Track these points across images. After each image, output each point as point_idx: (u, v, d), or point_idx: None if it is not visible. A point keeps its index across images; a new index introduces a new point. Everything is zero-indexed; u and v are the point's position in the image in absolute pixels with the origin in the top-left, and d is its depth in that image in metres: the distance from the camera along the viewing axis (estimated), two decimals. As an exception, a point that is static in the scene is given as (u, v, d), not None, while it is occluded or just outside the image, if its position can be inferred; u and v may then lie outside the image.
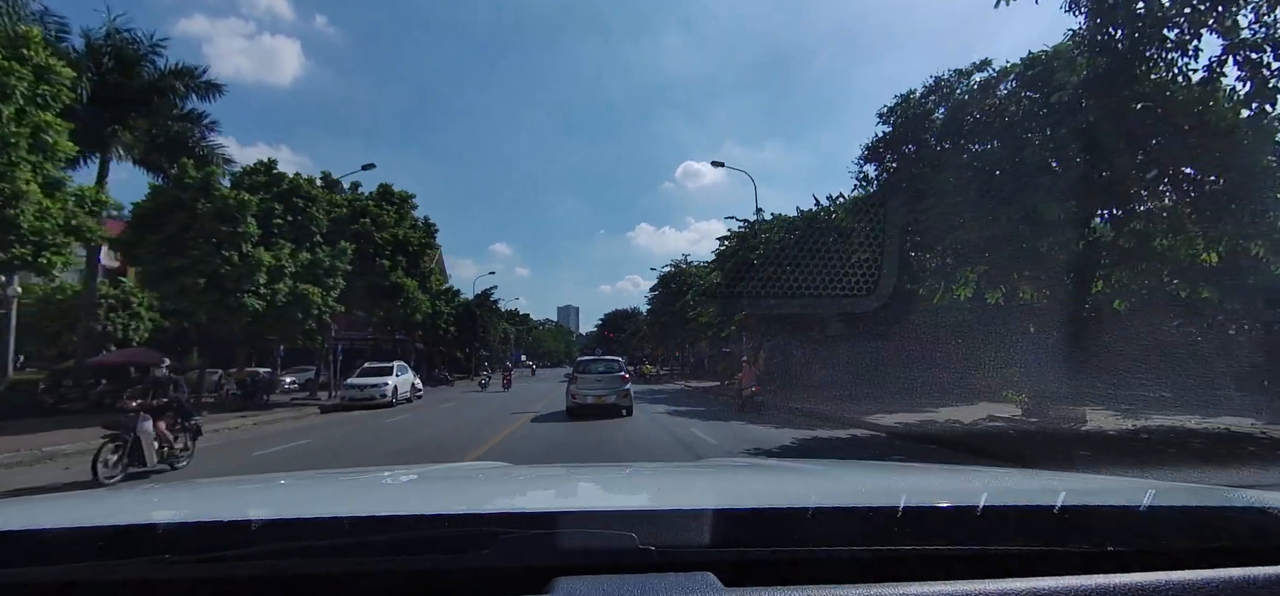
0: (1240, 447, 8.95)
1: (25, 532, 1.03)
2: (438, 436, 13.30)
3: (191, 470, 9.14)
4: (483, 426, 14.62)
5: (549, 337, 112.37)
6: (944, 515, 1.11)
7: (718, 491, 1.56)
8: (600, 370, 16.71)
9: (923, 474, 2.11)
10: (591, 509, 1.31)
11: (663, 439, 11.95)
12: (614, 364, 17.44)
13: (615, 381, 15.72)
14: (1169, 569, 0.90)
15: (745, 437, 11.73)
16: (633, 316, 78.99)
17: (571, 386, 15.99)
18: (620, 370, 16.48)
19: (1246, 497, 1.15)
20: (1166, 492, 1.24)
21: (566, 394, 16.11)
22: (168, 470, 8.82)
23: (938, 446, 10.25)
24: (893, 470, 2.44)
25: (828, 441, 11.37)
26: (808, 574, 0.90)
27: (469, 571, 0.92)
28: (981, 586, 0.87)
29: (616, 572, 0.88)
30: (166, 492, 2.20)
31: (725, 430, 13.11)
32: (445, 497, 1.58)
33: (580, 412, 15.18)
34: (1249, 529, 1.07)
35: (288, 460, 10.39)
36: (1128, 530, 1.06)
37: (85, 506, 1.39)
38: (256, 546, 0.96)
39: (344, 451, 11.41)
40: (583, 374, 16.38)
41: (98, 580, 0.91)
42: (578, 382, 15.91)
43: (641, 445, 11.09)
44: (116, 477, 8.01)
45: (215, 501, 1.53)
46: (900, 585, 0.88)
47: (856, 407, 15.99)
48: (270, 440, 13.12)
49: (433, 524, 1.08)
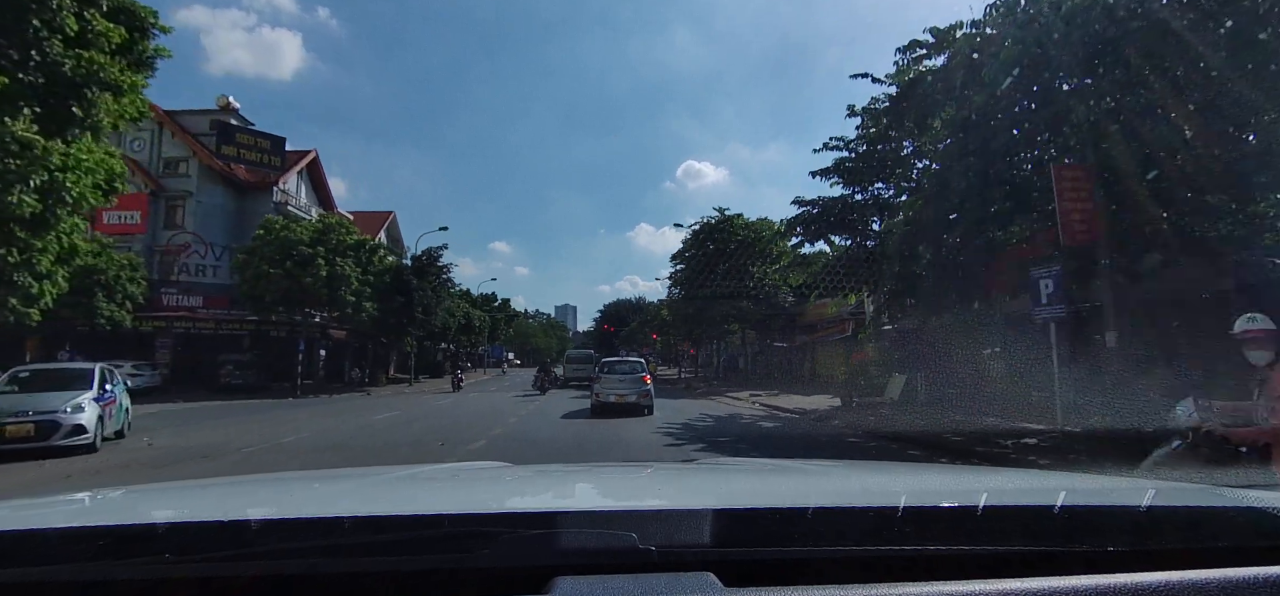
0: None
1: (25, 533, 1.02)
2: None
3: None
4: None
5: (539, 333, 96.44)
6: (944, 515, 1.11)
7: (718, 491, 1.57)
8: (624, 370, 17.51)
9: (923, 474, 2.29)
10: (591, 509, 1.33)
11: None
12: (636, 365, 18.57)
13: (637, 381, 16.62)
14: (1169, 569, 0.89)
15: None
16: (637, 308, 69.65)
17: (595, 385, 17.07)
18: (642, 370, 17.58)
19: (1246, 498, 1.17)
20: (1167, 492, 1.26)
21: (591, 395, 17.10)
22: None
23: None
24: (893, 470, 2.56)
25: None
26: (808, 574, 0.90)
27: (469, 571, 0.92)
28: (982, 586, 0.87)
29: (616, 572, 0.88)
30: (167, 492, 1.90)
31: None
32: (445, 497, 1.59)
33: (603, 411, 15.80)
34: (1249, 529, 1.06)
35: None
36: (1128, 530, 1.04)
37: (85, 506, 1.38)
38: (256, 546, 0.95)
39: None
40: (607, 374, 17.09)
41: (98, 580, 0.90)
42: (601, 382, 16.75)
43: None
44: None
45: (215, 501, 1.52)
46: (900, 585, 0.87)
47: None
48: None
49: (433, 524, 1.06)
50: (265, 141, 34.83)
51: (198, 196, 32.85)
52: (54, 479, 8.18)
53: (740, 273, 28.52)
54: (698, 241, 31.26)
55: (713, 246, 29.68)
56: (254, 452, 10.17)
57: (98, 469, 8.79)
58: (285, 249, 25.17)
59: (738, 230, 29.64)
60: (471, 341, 49.10)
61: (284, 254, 25.18)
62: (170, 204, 33.16)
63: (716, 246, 29.36)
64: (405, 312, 29.85)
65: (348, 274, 26.02)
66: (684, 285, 31.93)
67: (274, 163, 35.31)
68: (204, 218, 32.15)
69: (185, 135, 33.71)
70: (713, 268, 28.96)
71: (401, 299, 29.45)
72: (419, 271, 31.01)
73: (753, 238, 29.14)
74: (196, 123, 34.55)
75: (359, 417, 16.42)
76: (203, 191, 33.04)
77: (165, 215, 33.11)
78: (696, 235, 31.35)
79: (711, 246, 29.82)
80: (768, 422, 15.26)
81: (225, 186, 33.71)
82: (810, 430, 13.60)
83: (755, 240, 29.02)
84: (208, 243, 30.58)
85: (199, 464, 9.35)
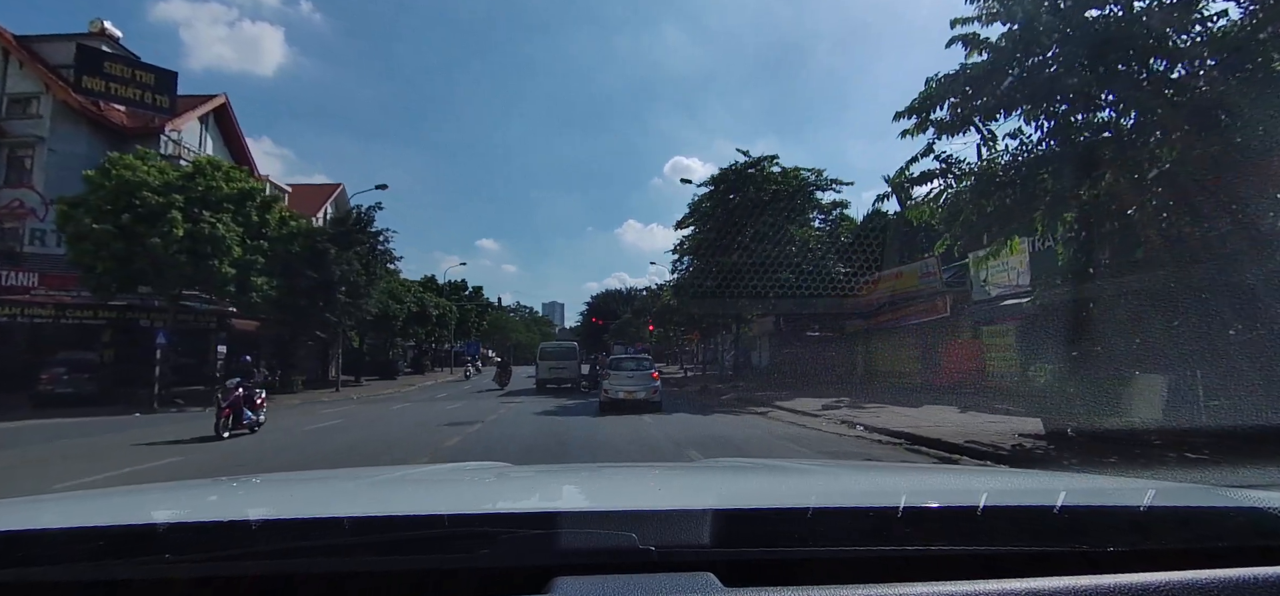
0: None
1: (25, 533, 1.01)
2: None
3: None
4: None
5: (520, 327, 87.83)
6: (944, 515, 1.09)
7: (718, 491, 1.56)
8: (633, 367, 17.22)
9: (923, 474, 2.32)
10: (591, 509, 1.30)
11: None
12: (644, 360, 18.44)
13: (646, 378, 16.44)
14: (1168, 569, 0.89)
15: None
16: (628, 298, 63.28)
17: (604, 383, 16.60)
18: (651, 367, 17.43)
19: (1245, 498, 1.15)
20: (1166, 493, 1.24)
21: (599, 393, 16.74)
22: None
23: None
24: (893, 470, 2.56)
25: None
26: (808, 574, 0.89)
27: (469, 571, 0.91)
28: (981, 586, 0.86)
29: (616, 572, 0.87)
30: (166, 492, 1.86)
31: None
32: (445, 497, 1.56)
33: (612, 408, 15.45)
34: (1248, 529, 1.05)
35: None
36: (1127, 530, 1.04)
37: (85, 506, 1.37)
38: (256, 546, 0.94)
39: None
40: (615, 371, 16.81)
41: (98, 580, 0.90)
42: (610, 379, 16.44)
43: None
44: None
45: (215, 501, 1.51)
46: (900, 585, 0.87)
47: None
48: None
49: (433, 524, 1.05)
50: (147, 75, 26.71)
51: (51, 144, 24.76)
52: None
53: (776, 235, 20.96)
54: (716, 197, 23.01)
55: (737, 200, 22.00)
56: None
57: None
58: (123, 197, 17.23)
59: (772, 180, 21.98)
60: (431, 334, 41.01)
61: (122, 205, 17.26)
62: (14, 153, 25.09)
63: (741, 200, 21.67)
64: (321, 294, 21.96)
65: (222, 235, 18.11)
66: (696, 255, 23.49)
67: (160, 103, 27.19)
68: (59, 172, 23.89)
69: (38, 66, 25.58)
70: (737, 229, 21.34)
71: (313, 275, 21.55)
72: (340, 238, 23.02)
73: (792, 188, 21.58)
74: (58, 51, 26.40)
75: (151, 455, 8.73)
76: (59, 137, 24.94)
77: (6, 169, 25.07)
78: (715, 189, 23.25)
79: (734, 200, 22.12)
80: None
81: (92, 131, 25.57)
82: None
83: (798, 189, 21.48)
84: (50, 202, 22.52)
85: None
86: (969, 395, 15.98)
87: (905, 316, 19.82)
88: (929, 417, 11.96)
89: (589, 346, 67.89)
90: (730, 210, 21.76)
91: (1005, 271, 16.30)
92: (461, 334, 50.65)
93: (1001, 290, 16.40)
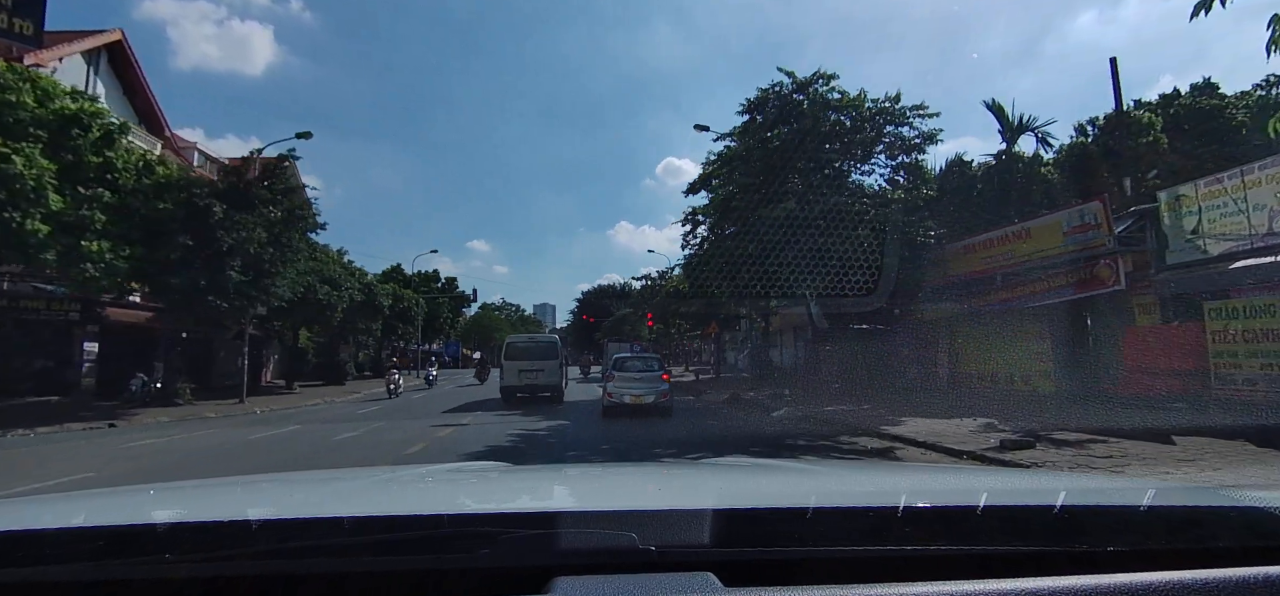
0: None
1: (25, 533, 1.00)
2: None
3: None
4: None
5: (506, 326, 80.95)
6: (944, 515, 1.09)
7: (718, 491, 1.53)
8: (639, 367, 15.07)
9: (923, 474, 2.30)
10: (591, 509, 1.27)
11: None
12: (652, 360, 16.18)
13: (655, 379, 14.42)
14: (1167, 569, 0.88)
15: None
16: (622, 294, 57.45)
17: (608, 384, 14.62)
18: (659, 368, 15.35)
19: (1244, 498, 1.12)
20: (1165, 492, 1.23)
21: (603, 395, 14.50)
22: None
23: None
24: (893, 470, 2.50)
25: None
26: (808, 574, 0.89)
27: (469, 571, 0.90)
28: (981, 586, 0.85)
29: (616, 572, 0.87)
30: (167, 492, 1.76)
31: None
32: (445, 497, 1.55)
33: (617, 412, 13.75)
34: (1247, 529, 1.03)
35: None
36: (1126, 530, 1.03)
37: (85, 506, 1.32)
38: (256, 546, 0.93)
39: None
40: (620, 372, 14.72)
41: (98, 580, 0.89)
42: (614, 381, 14.44)
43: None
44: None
45: (215, 501, 1.48)
46: (900, 585, 0.86)
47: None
48: None
49: (433, 524, 1.04)
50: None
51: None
52: None
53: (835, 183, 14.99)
54: (749, 131, 16.41)
55: (780, 137, 15.92)
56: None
57: None
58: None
59: (830, 108, 15.74)
60: (392, 331, 34.54)
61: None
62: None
63: (789, 137, 15.55)
64: (204, 270, 15.66)
65: (20, 172, 11.85)
66: (724, 215, 16.77)
67: (23, 30, 20.82)
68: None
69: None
70: (781, 178, 15.27)
71: (188, 244, 15.28)
72: (233, 195, 16.68)
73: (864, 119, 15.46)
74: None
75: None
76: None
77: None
78: (748, 122, 16.55)
79: (776, 138, 16.10)
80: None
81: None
82: None
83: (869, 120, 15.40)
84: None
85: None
86: (1179, 409, 10.05)
87: (1032, 294, 13.82)
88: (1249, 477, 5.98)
89: (579, 346, 61.76)
90: (769, 154, 15.63)
91: (1239, 215, 10.42)
92: (433, 332, 44.25)
93: (1237, 243, 10.47)
